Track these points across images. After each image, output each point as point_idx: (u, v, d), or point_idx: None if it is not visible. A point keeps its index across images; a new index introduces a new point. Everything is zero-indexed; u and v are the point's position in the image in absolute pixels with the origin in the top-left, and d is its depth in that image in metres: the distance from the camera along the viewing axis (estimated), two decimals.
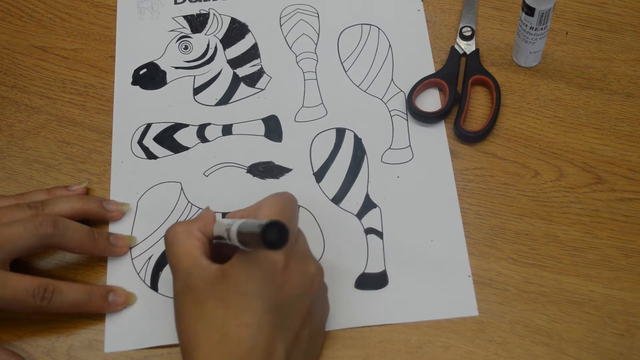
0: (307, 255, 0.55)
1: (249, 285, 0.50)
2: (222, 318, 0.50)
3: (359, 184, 0.66)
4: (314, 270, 0.54)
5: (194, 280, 0.52)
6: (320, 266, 0.55)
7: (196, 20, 0.75)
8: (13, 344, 0.60)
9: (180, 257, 0.53)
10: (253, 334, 0.50)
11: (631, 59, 0.70)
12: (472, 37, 0.71)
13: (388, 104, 0.69)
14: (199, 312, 0.51)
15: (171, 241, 0.54)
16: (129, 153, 0.68)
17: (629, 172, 0.65)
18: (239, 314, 0.50)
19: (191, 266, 0.53)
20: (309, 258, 0.55)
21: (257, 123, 0.69)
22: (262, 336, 0.50)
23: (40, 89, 0.71)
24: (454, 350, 0.58)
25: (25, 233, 0.57)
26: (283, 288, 0.51)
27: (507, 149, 0.67)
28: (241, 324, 0.50)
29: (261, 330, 0.50)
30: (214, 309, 0.51)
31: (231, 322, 0.50)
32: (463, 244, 0.62)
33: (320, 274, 0.55)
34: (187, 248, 0.53)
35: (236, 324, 0.50)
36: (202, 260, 0.53)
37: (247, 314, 0.50)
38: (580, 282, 0.61)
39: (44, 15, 0.76)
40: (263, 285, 0.50)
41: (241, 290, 0.50)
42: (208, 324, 0.51)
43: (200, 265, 0.52)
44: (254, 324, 0.50)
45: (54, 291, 0.57)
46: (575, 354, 0.58)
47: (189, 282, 0.52)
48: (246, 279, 0.51)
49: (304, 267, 0.53)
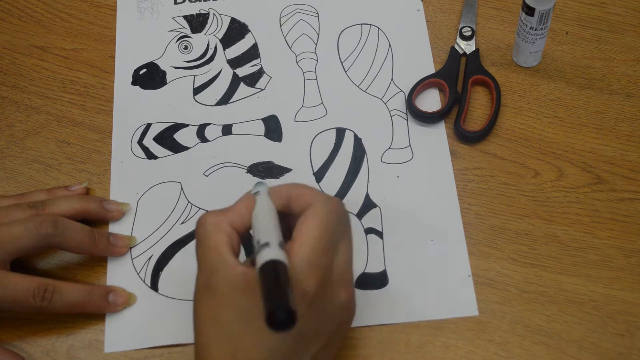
0: (343, 282, 0.51)
1: None
2: (239, 334, 0.48)
3: (359, 184, 0.66)
4: (344, 300, 0.51)
5: (217, 280, 0.49)
6: (352, 294, 0.52)
7: (196, 20, 0.75)
8: (13, 344, 0.60)
9: (206, 251, 0.50)
10: (265, 357, 0.48)
11: (631, 59, 0.70)
12: (472, 37, 0.71)
13: (388, 104, 0.69)
14: (216, 319, 0.49)
15: (199, 233, 0.51)
16: (129, 153, 0.68)
17: (629, 172, 0.65)
18: (256, 334, 0.48)
19: (216, 262, 0.49)
20: (343, 285, 0.51)
21: (257, 123, 0.69)
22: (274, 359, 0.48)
23: (40, 89, 0.71)
24: (454, 350, 0.58)
25: (25, 233, 0.57)
26: (307, 318, 0.48)
27: (507, 149, 0.67)
28: (256, 345, 0.48)
29: (274, 355, 0.48)
30: (233, 321, 0.48)
31: (247, 340, 0.48)
32: (463, 244, 0.62)
33: (352, 304, 0.52)
34: (214, 242, 0.50)
35: (252, 343, 0.48)
36: (229, 257, 0.50)
37: (264, 335, 0.47)
38: (580, 282, 0.61)
39: (44, 15, 0.76)
40: None
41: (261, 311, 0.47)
42: (223, 335, 0.48)
43: (225, 262, 0.49)
44: (270, 347, 0.48)
45: (54, 291, 0.57)
46: (575, 354, 0.58)
47: (211, 281, 0.49)
48: None
49: (335, 297, 0.50)
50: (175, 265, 0.63)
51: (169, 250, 0.63)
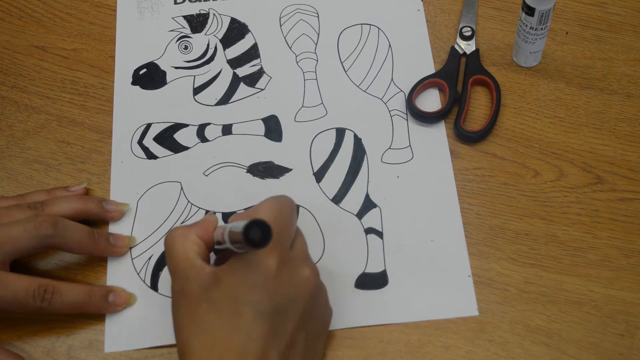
0: (303, 259, 0.54)
1: (241, 291, 0.51)
2: (214, 323, 0.51)
3: (359, 184, 0.66)
4: (308, 274, 0.54)
5: (189, 284, 0.52)
6: (315, 269, 0.55)
7: (196, 20, 0.75)
8: (13, 344, 0.60)
9: (176, 260, 0.53)
10: (243, 340, 0.50)
11: (631, 59, 0.70)
12: (472, 37, 0.71)
13: (388, 104, 0.69)
14: (191, 317, 0.51)
15: (169, 245, 0.55)
16: (129, 153, 0.68)
17: (629, 172, 0.65)
18: (230, 320, 0.50)
19: (187, 268, 0.53)
20: (304, 262, 0.54)
21: (257, 123, 0.69)
22: (253, 342, 0.50)
23: (40, 89, 0.71)
24: (454, 350, 0.58)
25: (25, 234, 0.57)
26: (275, 294, 0.51)
27: (507, 149, 0.67)
28: (232, 330, 0.50)
29: (251, 337, 0.50)
30: (206, 313, 0.51)
31: (222, 327, 0.50)
32: (463, 244, 0.62)
33: (316, 277, 0.55)
34: (183, 250, 0.53)
35: (227, 329, 0.50)
36: (197, 261, 0.53)
37: (238, 320, 0.50)
38: (580, 282, 0.61)
39: (44, 15, 0.76)
40: (255, 291, 0.51)
41: (233, 295, 0.51)
42: (200, 328, 0.51)
43: (195, 266, 0.53)
44: (245, 330, 0.50)
45: (54, 292, 0.57)
46: (575, 354, 0.58)
47: (185, 286, 0.52)
48: (238, 285, 0.51)
49: (298, 272, 0.53)
50: None
51: None
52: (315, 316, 0.56)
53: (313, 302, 0.55)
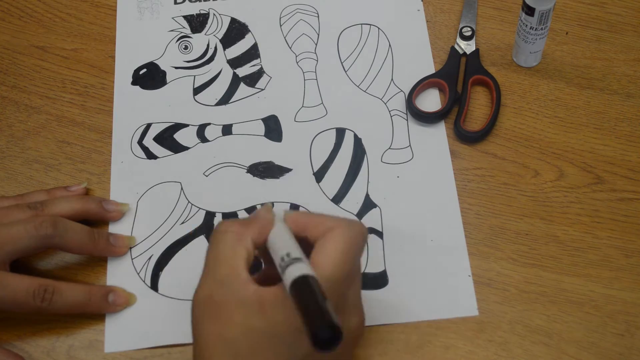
0: (354, 305, 0.50)
1: (284, 331, 0.46)
2: (245, 353, 0.46)
3: (359, 184, 0.66)
4: (354, 325, 0.50)
5: (225, 294, 0.47)
6: (363, 316, 0.51)
7: (196, 20, 0.75)
8: (13, 344, 0.60)
9: (220, 262, 0.49)
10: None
11: (631, 59, 0.70)
12: (472, 37, 0.71)
13: (388, 104, 0.69)
14: (222, 335, 0.47)
15: (218, 241, 0.50)
16: (129, 153, 0.68)
17: (629, 172, 0.65)
18: (265, 355, 0.47)
19: (230, 275, 0.48)
20: (354, 310, 0.50)
21: (257, 123, 0.69)
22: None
23: (40, 89, 0.71)
24: (454, 350, 0.58)
25: (25, 234, 0.57)
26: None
27: (507, 149, 0.67)
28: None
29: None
30: (240, 340, 0.47)
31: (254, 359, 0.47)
32: (463, 244, 0.62)
33: (362, 326, 0.51)
34: (233, 255, 0.48)
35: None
36: (243, 274, 0.48)
37: (274, 356, 0.47)
38: (580, 282, 0.61)
39: (44, 15, 0.76)
40: (297, 337, 0.46)
41: (274, 333, 0.46)
42: (229, 352, 0.47)
43: (239, 279, 0.48)
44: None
45: (54, 292, 0.57)
46: (575, 354, 0.58)
47: (219, 293, 0.48)
48: (283, 324, 0.46)
49: (345, 323, 0.49)
50: (175, 265, 0.63)
51: (169, 251, 0.63)
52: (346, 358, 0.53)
53: (353, 351, 0.52)
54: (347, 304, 0.49)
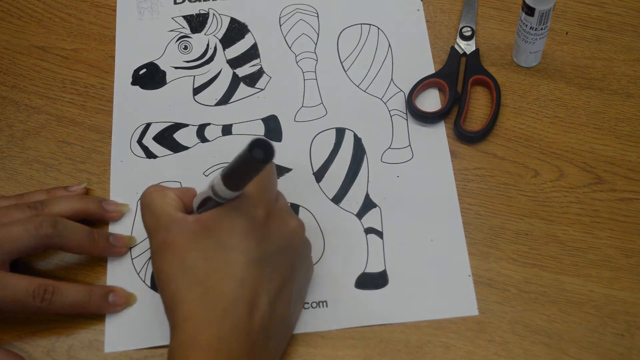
0: (288, 212, 0.55)
1: (232, 238, 0.51)
2: (205, 272, 0.51)
3: (359, 184, 0.66)
4: (294, 225, 0.55)
5: (173, 236, 0.52)
6: (301, 222, 0.56)
7: (196, 20, 0.75)
8: (13, 344, 0.60)
9: (156, 214, 0.54)
10: (236, 287, 0.51)
11: (631, 59, 0.70)
12: (472, 37, 0.71)
13: (388, 104, 0.69)
14: (181, 267, 0.51)
15: (147, 200, 0.55)
16: (129, 153, 0.68)
17: (629, 172, 0.65)
18: (222, 268, 0.51)
19: (169, 221, 0.53)
20: (289, 214, 0.55)
21: (257, 123, 0.69)
22: (245, 289, 0.51)
23: (40, 89, 0.71)
24: (454, 350, 0.58)
25: (24, 233, 0.57)
26: (264, 242, 0.52)
27: (507, 149, 0.67)
28: (224, 277, 0.51)
29: (244, 284, 0.51)
30: (197, 262, 0.51)
31: (214, 275, 0.51)
32: (463, 244, 0.62)
33: (302, 229, 0.56)
34: (162, 205, 0.54)
35: (219, 277, 0.51)
36: (178, 214, 0.53)
37: (231, 267, 0.51)
38: (580, 282, 0.61)
39: (44, 15, 0.76)
40: (245, 239, 0.51)
41: (224, 243, 0.51)
42: (191, 277, 0.51)
43: (177, 219, 0.53)
44: (237, 277, 0.51)
45: (54, 292, 0.57)
46: (575, 354, 0.58)
47: (167, 239, 0.52)
48: (228, 233, 0.51)
49: (285, 223, 0.54)
50: None
51: None
52: (302, 268, 0.57)
53: (300, 253, 0.56)
54: (280, 210, 0.54)
